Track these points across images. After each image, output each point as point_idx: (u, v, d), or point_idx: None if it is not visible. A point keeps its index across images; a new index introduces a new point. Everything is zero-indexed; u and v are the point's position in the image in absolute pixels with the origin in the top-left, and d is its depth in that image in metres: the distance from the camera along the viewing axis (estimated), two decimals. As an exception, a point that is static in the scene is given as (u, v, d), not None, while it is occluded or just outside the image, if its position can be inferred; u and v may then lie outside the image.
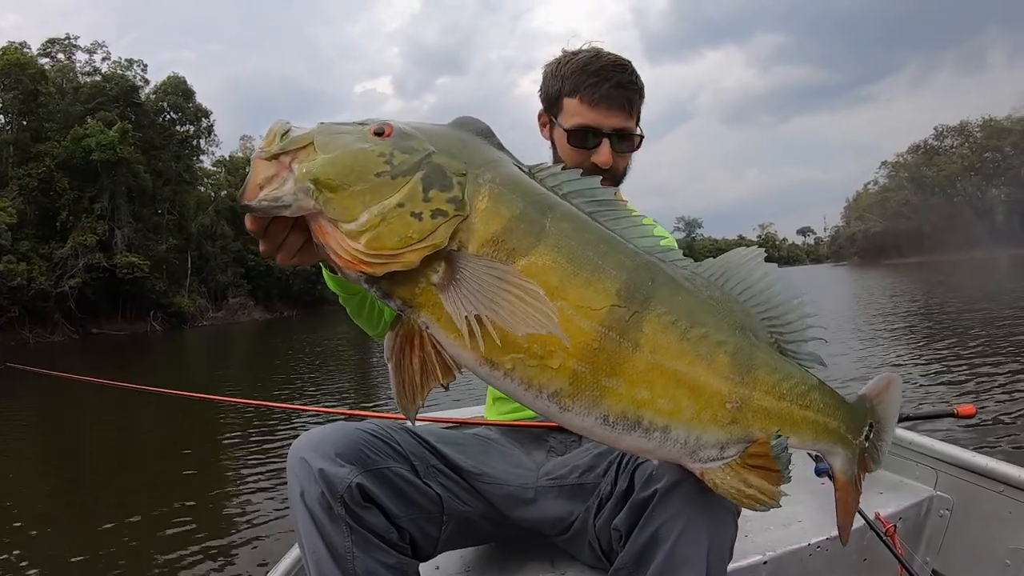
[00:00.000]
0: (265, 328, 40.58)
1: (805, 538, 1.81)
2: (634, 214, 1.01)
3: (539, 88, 1.70)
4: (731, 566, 1.25)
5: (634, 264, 0.95)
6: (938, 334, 12.26)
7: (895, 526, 1.91)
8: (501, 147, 1.01)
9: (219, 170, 58.87)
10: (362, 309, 1.47)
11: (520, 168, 0.99)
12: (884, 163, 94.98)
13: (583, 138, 1.59)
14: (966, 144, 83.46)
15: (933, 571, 2.07)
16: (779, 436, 1.01)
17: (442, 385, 0.92)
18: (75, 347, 32.42)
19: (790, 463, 1.01)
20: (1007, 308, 15.03)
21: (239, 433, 8.35)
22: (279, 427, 8.26)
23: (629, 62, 1.62)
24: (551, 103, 1.66)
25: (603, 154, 1.57)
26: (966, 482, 2.05)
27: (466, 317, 0.86)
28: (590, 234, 0.95)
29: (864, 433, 1.17)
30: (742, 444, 1.00)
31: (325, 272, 1.26)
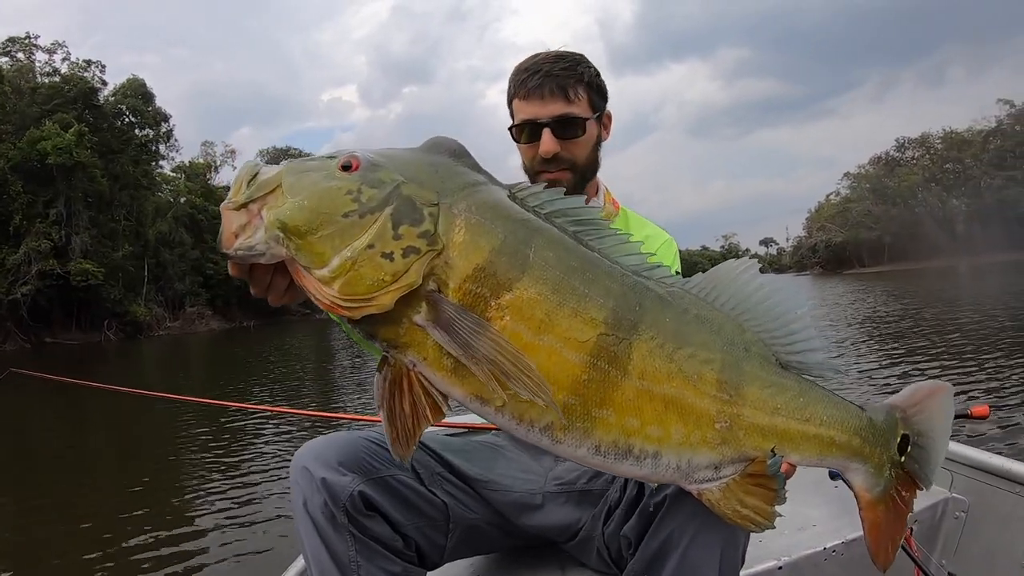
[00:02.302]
0: (224, 338, 40.03)
1: (820, 542, 1.79)
2: (630, 223, 1.02)
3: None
4: (745, 571, 1.23)
5: (621, 289, 0.94)
6: (939, 335, 12.42)
7: (911, 528, 1.88)
8: (477, 167, 0.98)
9: (179, 176, 57.79)
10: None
11: (499, 188, 0.96)
12: (846, 174, 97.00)
13: (526, 132, 1.59)
14: (927, 155, 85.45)
15: (949, 573, 2.01)
16: (774, 455, 0.98)
17: (431, 424, 0.91)
18: (28, 357, 31.46)
19: (786, 484, 0.99)
20: (1008, 311, 15.33)
21: (227, 439, 8.36)
22: (264, 432, 8.34)
23: (573, 53, 1.62)
24: (510, 113, 1.66)
25: (544, 143, 1.56)
26: (982, 483, 2.02)
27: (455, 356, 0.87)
28: (575, 260, 0.93)
29: (893, 446, 1.07)
30: (738, 463, 0.97)
31: None
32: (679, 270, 1.54)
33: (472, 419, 2.68)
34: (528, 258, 0.90)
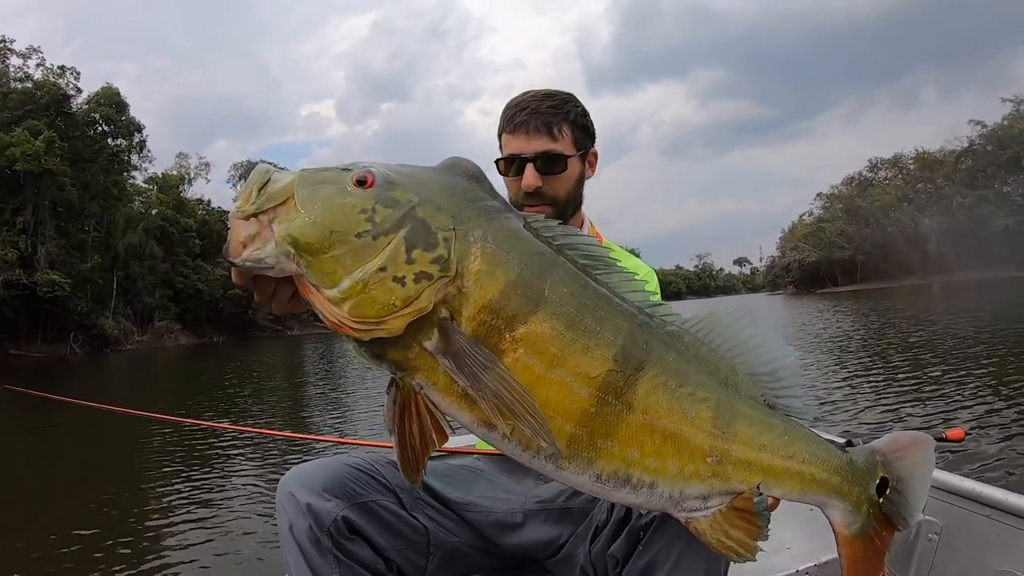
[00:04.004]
0: (193, 354, 39.36)
1: (794, 564, 1.86)
2: (625, 268, 1.02)
3: None
4: None
5: (629, 328, 0.96)
6: (912, 356, 12.41)
7: None
8: (493, 192, 0.98)
9: (151, 187, 57.21)
10: None
11: (515, 217, 0.97)
12: (819, 194, 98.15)
13: (510, 166, 1.64)
14: (900, 176, 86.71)
15: None
16: (760, 494, 1.02)
17: (437, 448, 0.93)
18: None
19: (769, 522, 1.03)
20: (984, 330, 15.37)
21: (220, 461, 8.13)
22: (236, 451, 8.14)
23: (562, 92, 1.68)
24: (499, 146, 1.71)
25: (527, 178, 1.61)
26: (954, 506, 2.06)
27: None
28: (588, 297, 0.95)
29: (871, 487, 1.11)
30: (724, 496, 1.01)
31: None
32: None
33: (453, 443, 2.71)
34: (544, 292, 0.91)
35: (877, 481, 1.12)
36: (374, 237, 0.85)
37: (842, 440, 1.98)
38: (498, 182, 1.68)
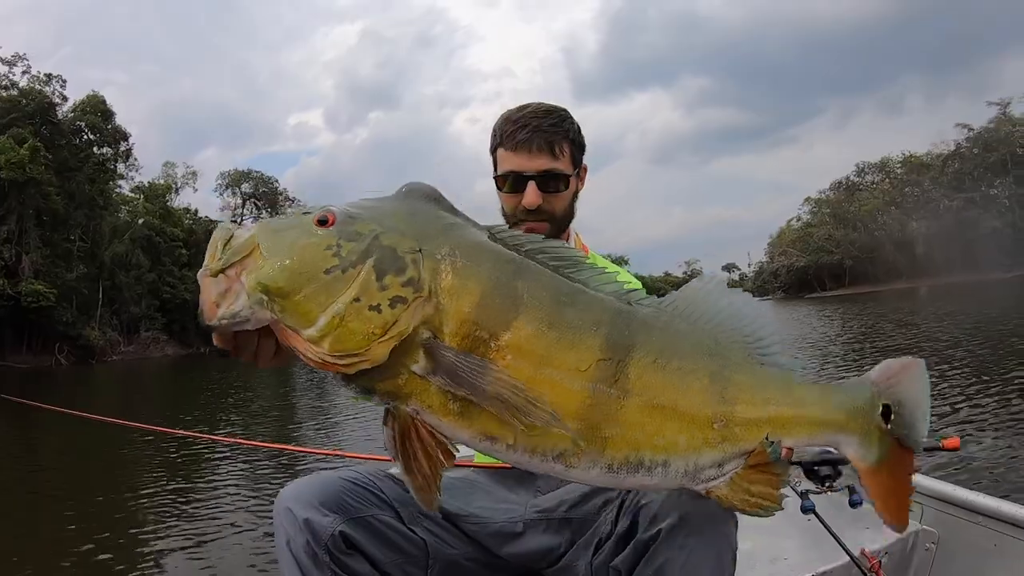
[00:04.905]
0: (180, 364, 39.19)
1: (792, 574, 1.91)
2: (597, 263, 1.04)
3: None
4: None
5: (609, 316, 0.98)
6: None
7: (880, 561, 1.96)
8: (454, 210, 1.01)
9: (138, 197, 56.76)
10: None
11: (479, 230, 1.00)
12: (807, 199, 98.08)
13: (510, 183, 1.66)
14: (887, 180, 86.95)
15: None
16: (772, 443, 1.04)
17: (447, 468, 0.93)
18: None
19: (788, 466, 1.07)
20: (973, 334, 15.25)
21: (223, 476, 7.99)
22: (225, 463, 8.14)
23: (559, 109, 1.70)
24: (493, 160, 1.72)
25: (528, 196, 1.63)
26: (951, 516, 2.08)
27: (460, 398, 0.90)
28: (564, 295, 0.97)
29: (875, 416, 1.13)
30: (738, 458, 1.02)
31: None
32: None
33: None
34: (521, 296, 0.93)
35: (880, 410, 1.13)
36: (343, 271, 0.86)
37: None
38: (483, 192, 1.64)
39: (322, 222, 0.89)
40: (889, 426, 1.14)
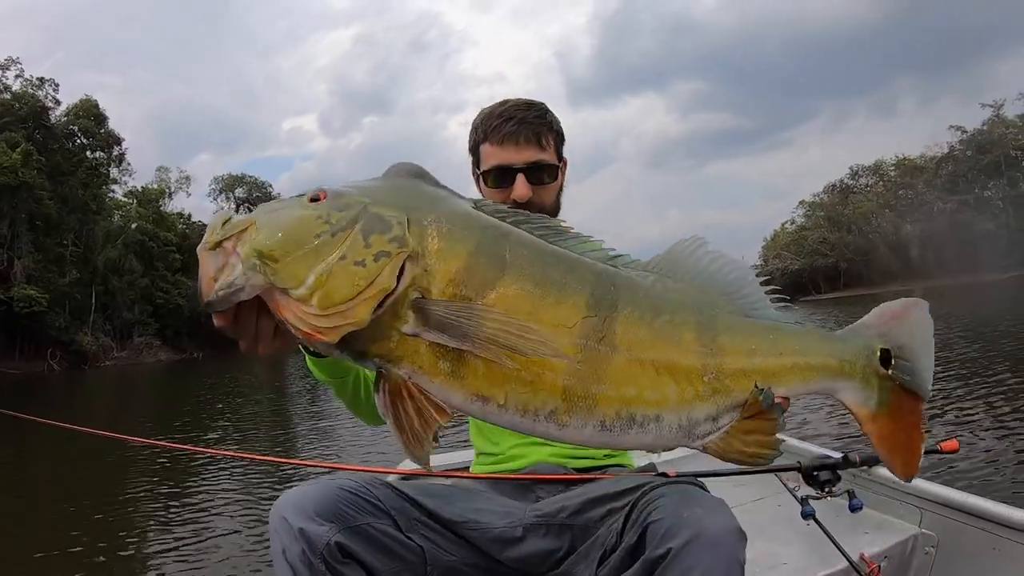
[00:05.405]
0: (173, 370, 39.16)
1: None
2: (579, 233, 1.06)
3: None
4: None
5: (594, 275, 1.00)
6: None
7: (880, 566, 1.96)
8: (439, 184, 1.04)
9: (131, 201, 56.75)
10: (357, 397, 1.52)
11: (464, 200, 1.03)
12: (801, 202, 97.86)
13: (498, 177, 1.65)
14: (881, 182, 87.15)
15: None
16: (763, 390, 1.04)
17: (441, 425, 0.94)
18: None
19: (783, 412, 1.05)
20: (969, 335, 15.04)
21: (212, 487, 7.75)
22: (220, 475, 7.83)
23: (538, 102, 1.71)
24: (475, 156, 1.73)
25: (518, 188, 1.63)
26: (950, 520, 2.08)
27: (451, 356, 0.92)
28: (548, 256, 1.00)
29: (873, 361, 1.13)
30: (732, 410, 1.03)
31: (309, 361, 1.35)
32: None
33: (448, 458, 2.85)
34: (505, 257, 0.95)
35: (877, 354, 1.13)
36: (332, 235, 0.89)
37: (839, 455, 1.99)
38: (478, 196, 1.53)
39: (314, 199, 0.93)
40: (890, 371, 1.14)
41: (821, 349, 1.11)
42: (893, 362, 1.14)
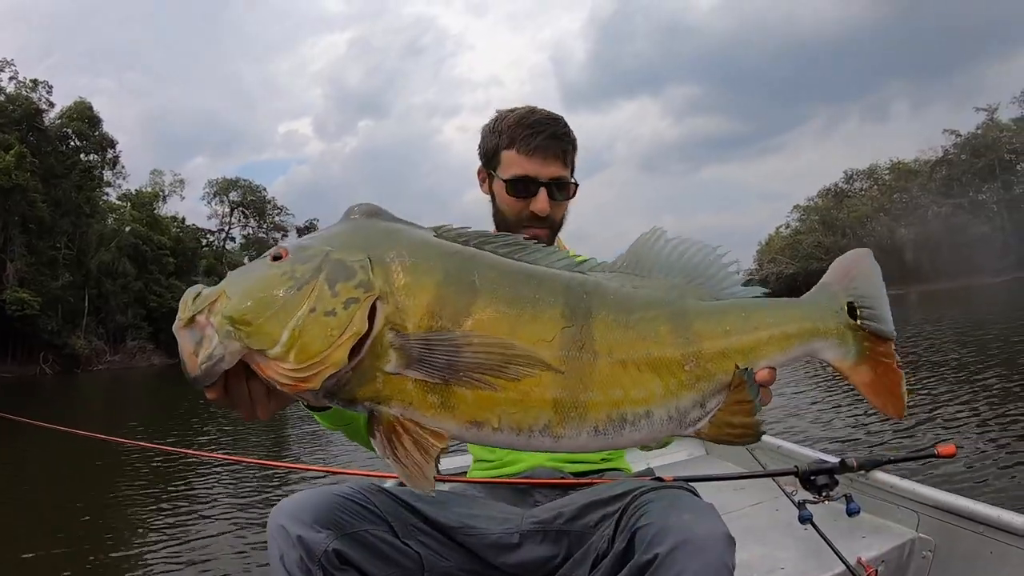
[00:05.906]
0: (167, 373, 38.55)
1: None
2: (545, 248, 1.08)
3: (478, 145, 1.78)
4: None
5: (564, 285, 1.02)
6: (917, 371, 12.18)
7: (877, 570, 1.97)
8: (395, 218, 1.06)
9: (125, 204, 56.43)
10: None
11: (423, 230, 1.04)
12: (796, 207, 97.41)
13: (522, 187, 1.66)
14: (875, 187, 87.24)
15: None
16: (745, 370, 1.05)
17: (441, 449, 0.95)
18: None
19: (759, 392, 1.06)
20: (965, 339, 15.16)
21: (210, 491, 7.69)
22: (214, 479, 7.80)
23: (561, 117, 1.72)
24: (489, 158, 1.73)
25: (540, 202, 1.65)
26: (948, 524, 2.08)
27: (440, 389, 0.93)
28: (517, 274, 1.01)
29: (842, 316, 1.17)
30: (718, 394, 1.05)
31: (313, 413, 1.34)
32: None
33: (445, 468, 2.73)
34: (474, 282, 0.96)
35: (844, 309, 1.16)
36: (298, 288, 0.90)
37: (836, 460, 2.00)
38: (472, 201, 1.60)
39: (277, 257, 0.95)
40: (859, 322, 1.17)
41: (793, 315, 1.13)
42: (859, 312, 1.18)
